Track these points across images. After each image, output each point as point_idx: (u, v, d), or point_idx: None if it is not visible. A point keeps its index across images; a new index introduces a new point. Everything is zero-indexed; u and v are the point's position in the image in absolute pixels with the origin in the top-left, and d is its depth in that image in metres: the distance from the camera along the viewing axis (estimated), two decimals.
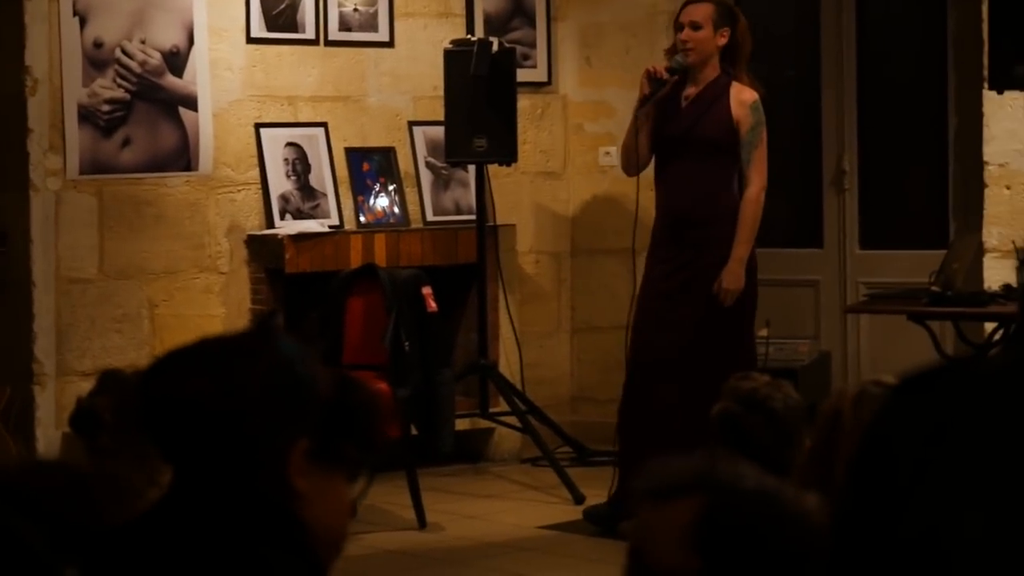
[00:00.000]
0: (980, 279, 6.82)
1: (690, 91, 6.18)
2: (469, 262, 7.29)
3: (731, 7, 6.25)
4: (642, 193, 6.53)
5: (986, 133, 6.99)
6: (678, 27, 6.20)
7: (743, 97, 6.14)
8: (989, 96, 6.72)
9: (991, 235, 6.96)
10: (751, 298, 6.19)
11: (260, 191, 7.17)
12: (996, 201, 6.97)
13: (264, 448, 1.97)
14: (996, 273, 6.76)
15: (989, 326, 6.42)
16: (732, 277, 6.06)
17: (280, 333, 2.06)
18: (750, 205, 6.13)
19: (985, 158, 7.00)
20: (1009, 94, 6.33)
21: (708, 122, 6.12)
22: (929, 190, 7.70)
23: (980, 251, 6.92)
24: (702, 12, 6.13)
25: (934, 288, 6.02)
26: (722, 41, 6.14)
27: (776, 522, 1.78)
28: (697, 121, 6.12)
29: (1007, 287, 6.24)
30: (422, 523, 6.30)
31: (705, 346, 6.01)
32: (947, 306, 6.01)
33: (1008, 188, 6.92)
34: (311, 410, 2.00)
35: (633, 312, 6.34)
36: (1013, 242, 6.72)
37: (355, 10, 7.44)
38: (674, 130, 6.15)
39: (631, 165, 6.30)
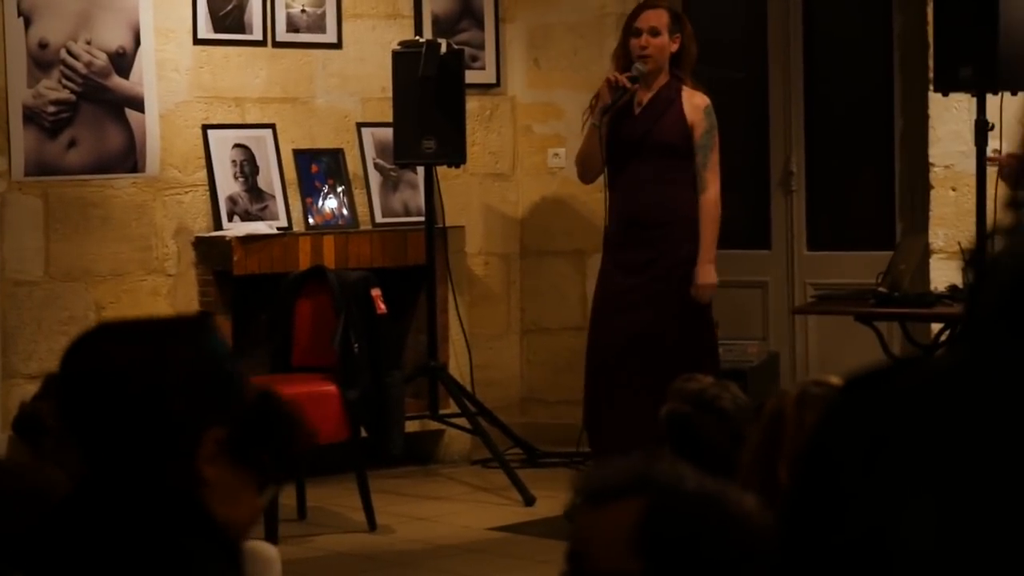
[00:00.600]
0: (927, 280, 6.87)
1: (643, 96, 6.22)
2: (418, 264, 7.28)
3: (680, 13, 6.34)
4: (595, 195, 6.53)
5: (931, 135, 7.03)
6: (635, 32, 6.21)
7: (696, 101, 6.20)
8: (934, 98, 6.76)
9: (937, 236, 7.01)
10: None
11: (208, 193, 7.14)
12: (942, 203, 7.02)
13: (179, 428, 1.99)
14: (942, 274, 6.81)
15: (936, 327, 6.46)
16: (705, 273, 6.18)
17: (215, 331, 2.10)
18: (712, 206, 6.22)
19: (931, 160, 7.05)
20: (954, 96, 6.38)
21: (664, 126, 6.18)
22: (876, 192, 7.74)
23: (927, 252, 6.96)
24: (661, 19, 6.20)
25: (881, 289, 6.05)
26: (675, 47, 6.22)
27: (718, 523, 1.77)
28: (653, 125, 6.18)
29: (953, 288, 6.28)
30: (372, 525, 6.28)
31: (670, 349, 6.03)
32: (894, 307, 6.05)
33: (954, 190, 6.97)
34: (231, 403, 2.03)
35: (591, 316, 6.35)
36: (959, 243, 6.77)
37: (303, 11, 7.42)
38: (630, 135, 6.18)
39: (589, 173, 6.34)
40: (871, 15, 7.75)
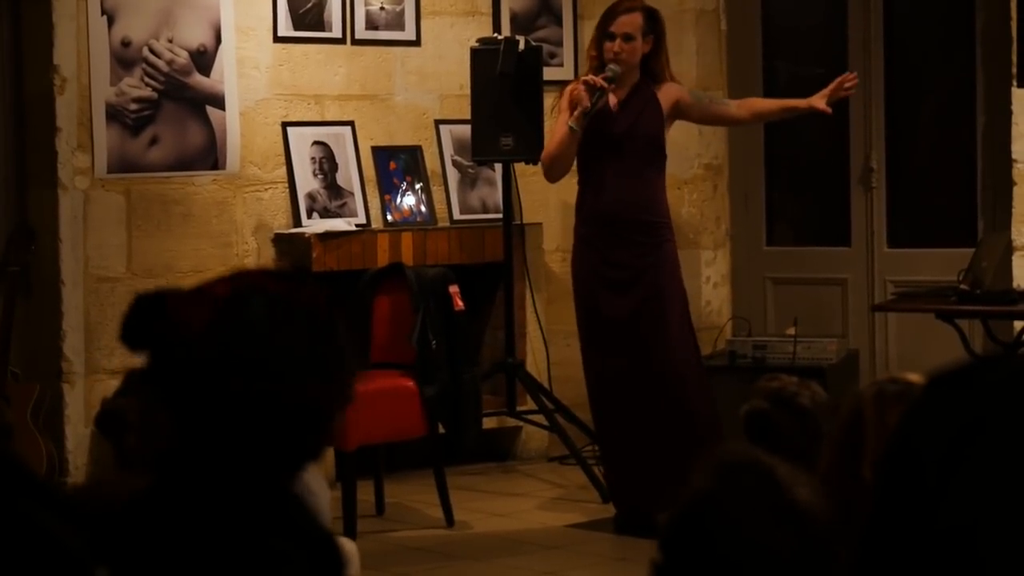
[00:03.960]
0: (1009, 277, 6.80)
1: (619, 94, 6.21)
2: (496, 260, 7.29)
3: (655, 13, 6.28)
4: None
5: (1014, 131, 6.96)
6: (609, 36, 6.17)
7: (667, 88, 6.25)
8: (1018, 94, 6.70)
9: (1020, 233, 6.94)
10: (679, 284, 6.20)
11: (287, 190, 7.19)
12: None
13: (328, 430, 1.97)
14: None
15: (1018, 324, 6.40)
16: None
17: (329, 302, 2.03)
18: (754, 100, 6.45)
19: (1014, 156, 6.98)
20: None
21: (648, 120, 6.19)
22: (957, 188, 7.67)
23: (1009, 249, 6.90)
24: (633, 23, 6.18)
25: (963, 286, 6.00)
26: (646, 48, 6.22)
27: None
28: (636, 119, 6.16)
29: None
30: (450, 521, 6.30)
31: (652, 338, 6.04)
32: (976, 304, 6.00)
33: None
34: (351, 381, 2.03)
35: (578, 312, 6.30)
36: None
37: (382, 9, 7.45)
38: (611, 131, 6.15)
39: (557, 173, 6.33)
40: (953, 10, 7.68)
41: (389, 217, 7.33)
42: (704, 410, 6.03)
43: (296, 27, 7.23)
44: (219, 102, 7.03)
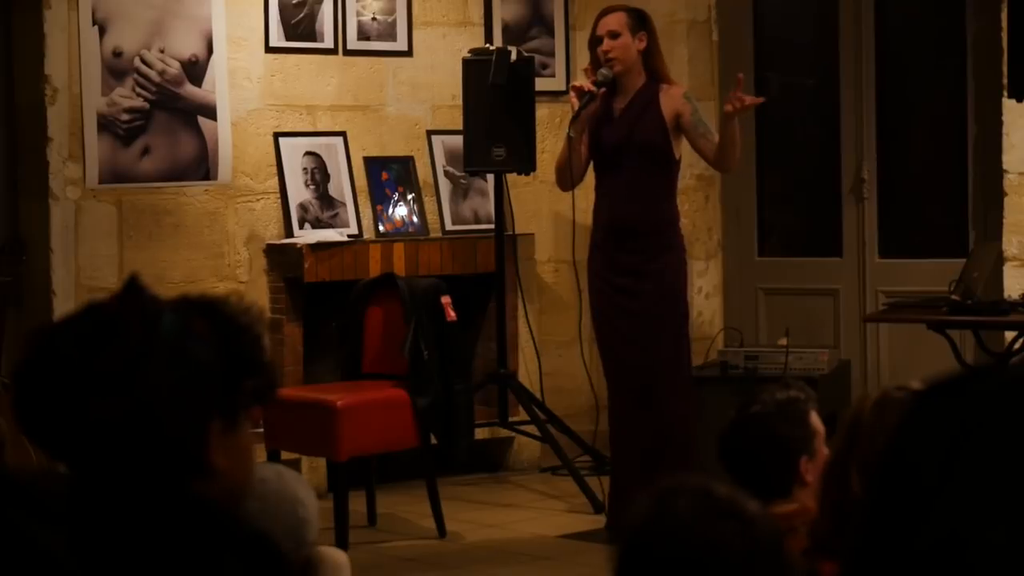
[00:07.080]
0: (1000, 288, 6.81)
1: (621, 101, 6.18)
2: (488, 271, 7.29)
3: (642, 11, 6.28)
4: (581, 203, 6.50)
5: (1005, 142, 6.98)
6: (597, 41, 6.19)
7: (672, 92, 6.16)
8: (1008, 105, 6.71)
9: (1011, 244, 6.95)
10: (683, 292, 6.22)
11: (279, 200, 7.18)
12: (1015, 210, 6.96)
13: (184, 445, 1.86)
14: (1016, 282, 6.75)
15: (1009, 335, 6.41)
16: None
17: (160, 309, 1.90)
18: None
19: (1004, 167, 6.99)
20: None
21: (643, 127, 6.12)
22: (948, 199, 7.68)
23: (1000, 260, 6.90)
24: (617, 20, 6.18)
25: (954, 297, 6.01)
26: (641, 45, 6.18)
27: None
28: (633, 128, 6.12)
29: None
30: (442, 532, 6.29)
31: (656, 343, 6.07)
32: (967, 315, 6.00)
33: None
34: (215, 386, 1.88)
35: (593, 325, 6.32)
36: None
37: (373, 19, 7.45)
38: (611, 139, 6.15)
39: (565, 181, 6.30)
40: (944, 21, 7.70)
41: (381, 228, 7.33)
42: (679, 423, 6.05)
43: (288, 37, 7.23)
44: (211, 112, 7.02)
